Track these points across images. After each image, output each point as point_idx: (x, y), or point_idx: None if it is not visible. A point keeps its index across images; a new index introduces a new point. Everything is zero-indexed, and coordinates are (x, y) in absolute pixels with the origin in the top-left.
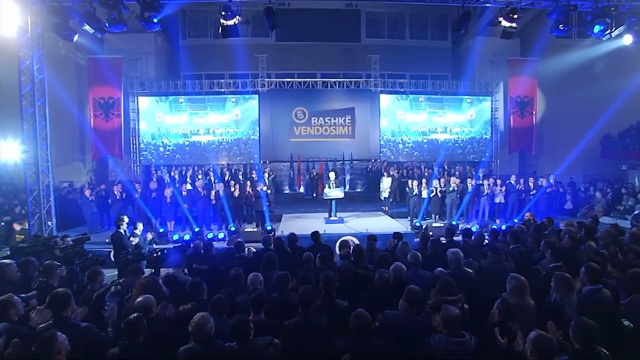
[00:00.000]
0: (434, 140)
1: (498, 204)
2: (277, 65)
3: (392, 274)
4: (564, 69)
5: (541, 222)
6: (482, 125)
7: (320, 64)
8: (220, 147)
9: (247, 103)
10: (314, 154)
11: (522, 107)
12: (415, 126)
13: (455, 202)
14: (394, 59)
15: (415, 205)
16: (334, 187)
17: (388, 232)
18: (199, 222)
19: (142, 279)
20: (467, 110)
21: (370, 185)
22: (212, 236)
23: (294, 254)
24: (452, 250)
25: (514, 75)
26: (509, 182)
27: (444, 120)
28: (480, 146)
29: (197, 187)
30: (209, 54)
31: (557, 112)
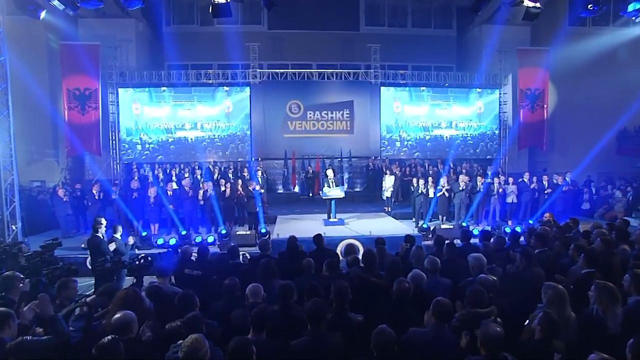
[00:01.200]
0: (438, 136)
1: (510, 204)
2: (270, 55)
3: (411, 282)
4: (577, 60)
5: (565, 224)
6: (492, 120)
7: (316, 54)
8: (210, 143)
9: (241, 94)
10: (309, 150)
11: (532, 101)
12: (415, 120)
13: (464, 202)
14: (395, 49)
15: (421, 206)
16: (333, 186)
17: (393, 235)
18: (186, 225)
19: (121, 291)
20: (475, 102)
21: (370, 184)
22: (200, 240)
23: (295, 260)
24: (475, 256)
25: (524, 66)
26: (521, 181)
27: (449, 114)
28: (490, 142)
29: (184, 186)
30: (196, 42)
31: (570, 105)
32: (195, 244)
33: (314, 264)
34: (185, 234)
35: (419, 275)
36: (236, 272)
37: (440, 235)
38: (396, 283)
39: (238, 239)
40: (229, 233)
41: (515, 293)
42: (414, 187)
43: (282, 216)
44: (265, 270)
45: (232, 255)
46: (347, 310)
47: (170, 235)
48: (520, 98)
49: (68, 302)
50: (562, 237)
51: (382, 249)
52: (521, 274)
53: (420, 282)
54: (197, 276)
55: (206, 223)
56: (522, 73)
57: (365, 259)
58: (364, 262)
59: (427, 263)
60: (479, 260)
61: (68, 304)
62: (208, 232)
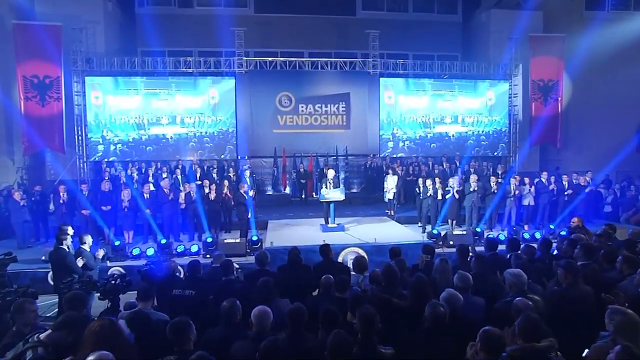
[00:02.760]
0: (442, 135)
1: (527, 207)
2: (257, 42)
3: (446, 306)
4: (594, 48)
5: (604, 231)
6: (505, 113)
7: (308, 41)
8: (193, 140)
9: (229, 82)
10: (301, 147)
11: (545, 93)
12: (413, 114)
13: (476, 205)
14: (395, 36)
15: (429, 209)
16: (332, 188)
17: (400, 242)
18: (165, 232)
19: (94, 323)
20: (485, 92)
21: (368, 185)
22: (182, 249)
23: (299, 276)
24: (514, 272)
25: (537, 55)
26: (539, 181)
27: (454, 107)
28: (502, 139)
29: (163, 187)
30: (174, 26)
31: (585, 99)
32: (177, 254)
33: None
34: (165, 242)
35: (454, 297)
36: (230, 290)
37: (464, 245)
38: (430, 307)
39: (226, 248)
40: (215, 241)
41: (562, 317)
42: (420, 188)
43: (274, 221)
44: (263, 291)
45: (225, 270)
46: (377, 343)
47: (148, 244)
48: (532, 90)
49: (28, 329)
50: (604, 246)
51: (403, 263)
52: (566, 293)
53: (456, 304)
54: (189, 297)
55: (189, 230)
56: (535, 63)
57: (386, 277)
58: (384, 280)
59: (458, 279)
60: (519, 277)
61: (28, 331)
62: (191, 240)
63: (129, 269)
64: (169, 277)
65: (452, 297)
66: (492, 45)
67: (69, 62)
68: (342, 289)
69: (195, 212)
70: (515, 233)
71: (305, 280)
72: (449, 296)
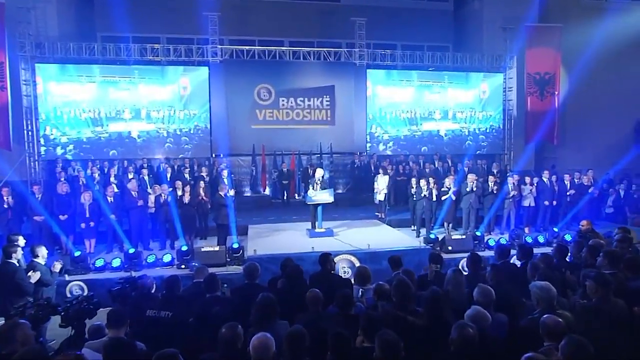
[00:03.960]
0: (432, 133)
1: (527, 208)
2: (233, 29)
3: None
4: (592, 40)
5: (623, 236)
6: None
7: (289, 29)
8: (168, 140)
9: (203, 71)
10: (282, 145)
11: (541, 87)
12: (396, 109)
13: (473, 207)
14: (382, 25)
15: (424, 211)
16: (319, 189)
17: (396, 248)
18: (133, 240)
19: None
20: (479, 84)
21: (355, 185)
22: (153, 259)
23: (296, 291)
24: (541, 285)
25: (533, 47)
26: (540, 181)
27: (444, 100)
28: (497, 135)
29: (130, 190)
30: (139, 9)
31: (582, 93)
32: (147, 265)
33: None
34: (133, 252)
35: (482, 316)
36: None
37: (474, 252)
38: (458, 329)
39: (204, 257)
40: (191, 250)
41: (596, 336)
42: (413, 188)
43: (254, 226)
44: (263, 310)
45: (209, 285)
46: None
47: (113, 255)
48: (528, 84)
49: None
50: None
51: (411, 275)
52: (599, 308)
53: (484, 324)
54: (166, 320)
55: (160, 237)
56: (530, 54)
57: (398, 291)
58: (395, 295)
59: (479, 294)
60: (548, 292)
61: None
62: (162, 249)
63: (93, 284)
64: (142, 295)
65: (480, 316)
66: (485, 36)
67: (15, 47)
68: (346, 306)
69: (167, 217)
70: (517, 237)
71: (301, 294)
72: (476, 315)
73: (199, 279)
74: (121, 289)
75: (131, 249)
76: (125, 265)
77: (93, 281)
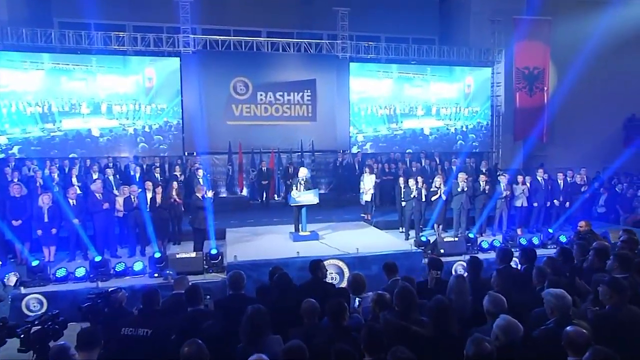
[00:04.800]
0: (415, 132)
1: (519, 209)
2: (207, 17)
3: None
4: (580, 35)
5: (628, 238)
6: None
7: (266, 18)
8: (128, 136)
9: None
10: (260, 142)
11: (531, 82)
12: (371, 104)
13: (465, 207)
14: (366, 16)
15: (413, 212)
16: (304, 190)
17: (386, 252)
18: (99, 246)
19: None
20: (464, 77)
21: (339, 185)
22: (122, 268)
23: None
24: (556, 293)
25: (522, 40)
26: (534, 180)
27: (426, 94)
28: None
29: (94, 191)
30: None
31: (570, 89)
32: (116, 274)
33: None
34: (99, 260)
35: (514, 327)
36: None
37: (475, 257)
38: (474, 344)
39: (179, 265)
40: (164, 256)
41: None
42: (401, 188)
43: (232, 229)
44: (255, 323)
45: (191, 298)
46: None
47: (76, 263)
48: (517, 79)
49: None
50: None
51: (412, 282)
52: (615, 316)
53: (516, 337)
54: (144, 338)
55: (129, 242)
56: (519, 48)
57: (402, 300)
58: (399, 304)
59: (490, 303)
60: (563, 299)
61: None
62: (132, 256)
63: (53, 297)
64: (116, 310)
65: (512, 327)
66: (472, 28)
67: None
68: (338, 316)
69: (138, 220)
70: (512, 239)
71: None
72: (507, 326)
73: (179, 290)
74: (92, 304)
75: (97, 256)
76: (91, 275)
77: (54, 294)
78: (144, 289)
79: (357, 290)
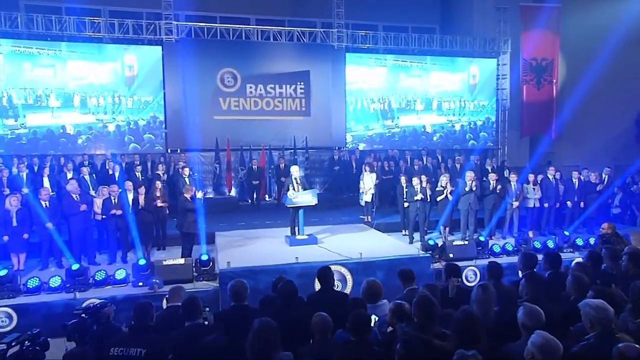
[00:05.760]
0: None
1: (531, 210)
2: (191, 2)
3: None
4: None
5: None
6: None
7: (256, 5)
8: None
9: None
10: (250, 139)
11: (539, 74)
12: (361, 97)
13: (473, 209)
14: (363, 3)
15: (417, 214)
16: (300, 190)
17: (391, 257)
18: (76, 253)
19: None
20: (468, 67)
21: (335, 185)
22: (103, 277)
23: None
24: (596, 305)
25: (529, 29)
26: (544, 178)
27: (425, 85)
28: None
29: (70, 192)
30: None
31: (580, 81)
32: (95, 283)
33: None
34: (77, 268)
35: (555, 347)
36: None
37: (494, 262)
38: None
39: (166, 273)
40: (150, 264)
41: None
42: (403, 188)
43: (222, 233)
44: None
45: (189, 311)
46: None
47: (50, 272)
48: (524, 70)
49: None
50: None
51: (435, 290)
52: None
53: (556, 357)
54: (136, 359)
55: (109, 248)
56: (527, 37)
57: (422, 310)
58: (419, 315)
59: (526, 316)
60: (605, 312)
61: None
62: (112, 263)
63: (24, 310)
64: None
65: (552, 346)
66: (476, 17)
67: None
68: (363, 331)
69: (119, 224)
70: (525, 242)
71: (308, 320)
72: (546, 344)
73: (175, 303)
74: (79, 322)
75: (74, 264)
76: (67, 285)
77: (24, 307)
78: (135, 302)
79: (373, 299)
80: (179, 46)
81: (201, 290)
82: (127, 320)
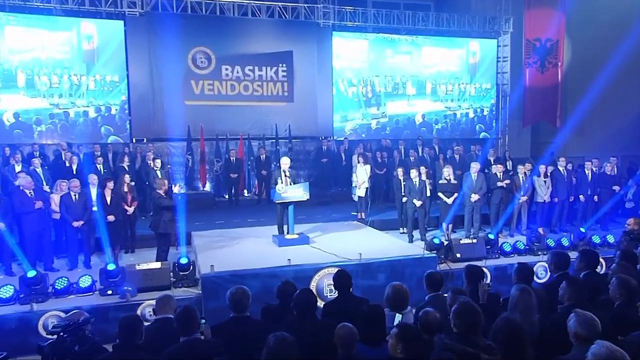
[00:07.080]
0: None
1: (541, 205)
2: None
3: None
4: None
5: None
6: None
7: None
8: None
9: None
10: (226, 127)
11: (542, 57)
12: (335, 78)
13: (478, 204)
14: None
15: (417, 210)
16: (289, 184)
17: (394, 258)
18: (30, 258)
19: None
20: (467, 43)
21: (321, 178)
22: (65, 285)
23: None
24: None
25: (533, 7)
26: (555, 170)
27: (417, 66)
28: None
29: (23, 187)
30: None
31: (586, 66)
32: (55, 292)
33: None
34: (34, 275)
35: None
36: None
37: (524, 265)
38: None
39: (140, 279)
40: (120, 269)
41: None
42: (400, 181)
43: (199, 233)
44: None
45: (185, 324)
46: None
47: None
48: (527, 52)
49: None
50: None
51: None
52: None
53: None
54: None
55: (68, 252)
56: (529, 16)
57: (464, 319)
58: (460, 325)
59: (579, 324)
60: None
61: None
62: (73, 268)
63: None
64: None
65: (617, 358)
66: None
67: None
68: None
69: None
70: (537, 240)
71: (326, 335)
72: (611, 356)
73: (165, 315)
74: (57, 341)
75: (30, 270)
76: (22, 295)
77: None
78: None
79: (398, 306)
80: (144, 21)
81: (181, 298)
82: (98, 334)
